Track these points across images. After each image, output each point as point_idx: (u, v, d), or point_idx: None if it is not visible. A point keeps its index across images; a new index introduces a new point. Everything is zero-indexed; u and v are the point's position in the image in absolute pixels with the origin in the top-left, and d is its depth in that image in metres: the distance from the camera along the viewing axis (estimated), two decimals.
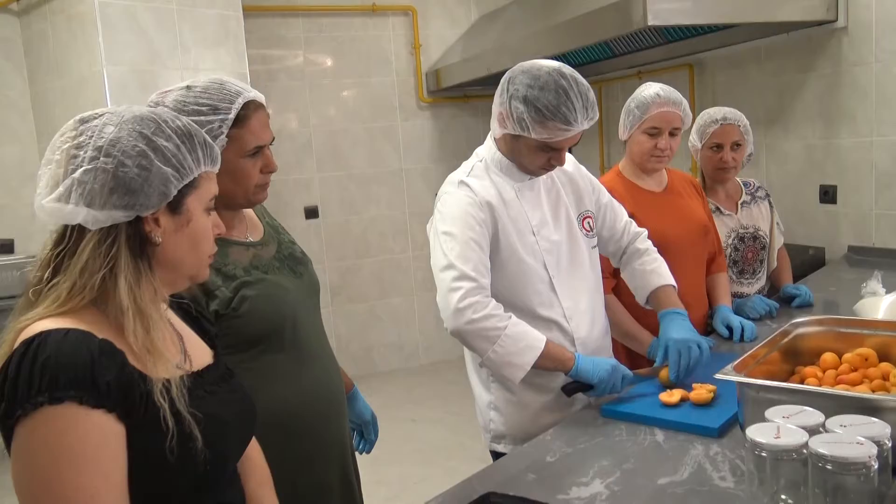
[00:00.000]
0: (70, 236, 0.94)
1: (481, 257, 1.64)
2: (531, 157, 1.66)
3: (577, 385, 1.66)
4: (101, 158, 0.92)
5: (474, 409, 1.87)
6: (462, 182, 1.70)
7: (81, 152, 0.93)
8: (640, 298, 1.92)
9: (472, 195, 1.67)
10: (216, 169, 1.04)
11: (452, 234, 1.64)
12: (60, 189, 0.92)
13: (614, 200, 1.93)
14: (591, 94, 1.62)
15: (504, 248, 1.68)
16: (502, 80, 1.66)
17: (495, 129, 1.71)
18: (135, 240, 0.96)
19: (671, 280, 1.89)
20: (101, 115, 0.96)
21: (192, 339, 1.10)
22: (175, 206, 0.98)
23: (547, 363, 1.63)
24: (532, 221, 1.73)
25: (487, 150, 1.76)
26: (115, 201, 0.92)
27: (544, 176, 1.77)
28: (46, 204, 0.93)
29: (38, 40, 3.63)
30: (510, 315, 1.63)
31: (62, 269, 0.94)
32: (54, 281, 0.93)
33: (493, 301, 1.63)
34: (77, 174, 0.92)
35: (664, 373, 1.71)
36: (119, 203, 0.92)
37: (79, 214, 0.92)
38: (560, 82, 1.58)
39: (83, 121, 0.96)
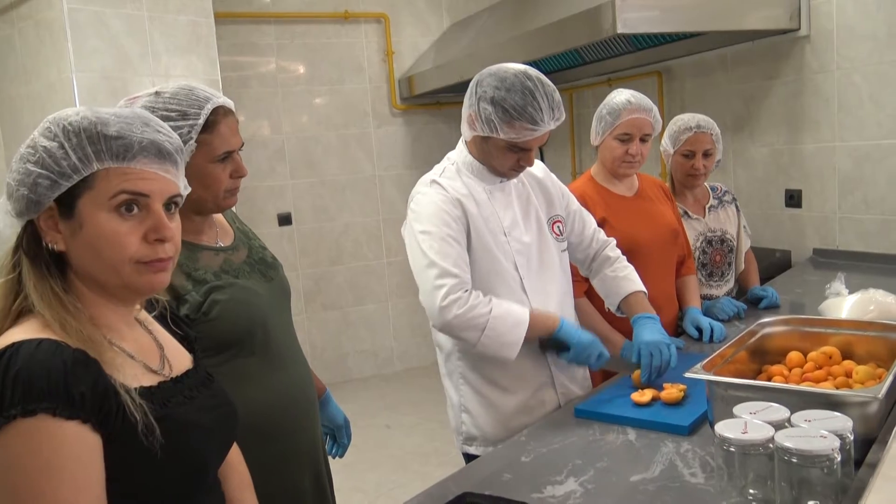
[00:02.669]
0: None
1: (460, 252, 1.66)
2: (501, 157, 1.69)
3: (554, 342, 1.71)
4: (13, 164, 0.95)
5: (447, 413, 1.88)
6: (434, 181, 1.72)
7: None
8: (612, 304, 1.95)
9: (444, 193, 1.69)
10: (127, 164, 0.93)
11: (430, 232, 1.66)
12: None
13: (583, 209, 1.96)
14: (557, 95, 1.66)
15: (476, 247, 1.71)
16: (471, 84, 1.69)
17: (465, 132, 1.73)
18: (30, 244, 0.95)
19: (642, 286, 1.93)
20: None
21: (171, 344, 1.10)
22: (67, 211, 0.93)
23: (536, 332, 1.69)
24: (504, 222, 1.75)
25: (459, 154, 1.79)
26: (1, 204, 0.95)
27: (514, 180, 1.80)
28: None
29: (5, 46, 3.57)
30: (490, 298, 1.66)
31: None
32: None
33: (474, 292, 1.65)
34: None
35: (637, 374, 1.74)
36: (3, 207, 0.95)
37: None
38: (526, 84, 1.61)
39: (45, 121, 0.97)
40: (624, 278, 1.92)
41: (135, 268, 0.95)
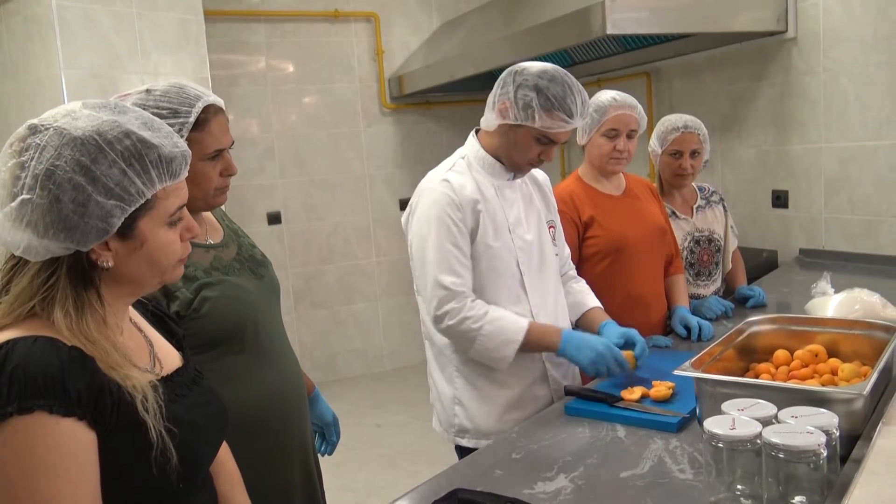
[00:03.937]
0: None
1: (459, 258, 1.70)
2: (525, 148, 1.73)
3: (575, 390, 1.73)
4: (37, 191, 0.87)
5: (435, 407, 1.89)
6: (444, 179, 1.75)
7: (23, 175, 0.87)
8: (574, 315, 2.00)
9: (451, 194, 1.72)
10: (179, 181, 0.98)
11: (430, 238, 1.71)
12: (1, 216, 0.89)
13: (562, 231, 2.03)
14: (587, 96, 1.74)
15: (479, 244, 1.74)
16: (504, 75, 1.74)
17: (491, 121, 1.76)
18: (77, 270, 0.91)
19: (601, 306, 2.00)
20: (47, 129, 0.89)
21: (160, 343, 1.10)
22: (126, 232, 0.93)
23: (534, 348, 1.74)
24: (509, 219, 1.79)
25: (470, 149, 1.83)
26: (51, 236, 0.88)
27: (518, 180, 1.85)
28: None
29: None
30: (486, 311, 1.70)
31: (13, 283, 0.92)
32: (3, 299, 0.92)
33: (469, 300, 1.70)
34: (15, 203, 0.87)
35: (629, 354, 1.75)
36: (55, 238, 0.88)
37: (20, 244, 0.89)
38: (565, 79, 1.70)
39: (32, 130, 0.90)
40: (587, 294, 2.00)
41: (177, 265, 1.02)
